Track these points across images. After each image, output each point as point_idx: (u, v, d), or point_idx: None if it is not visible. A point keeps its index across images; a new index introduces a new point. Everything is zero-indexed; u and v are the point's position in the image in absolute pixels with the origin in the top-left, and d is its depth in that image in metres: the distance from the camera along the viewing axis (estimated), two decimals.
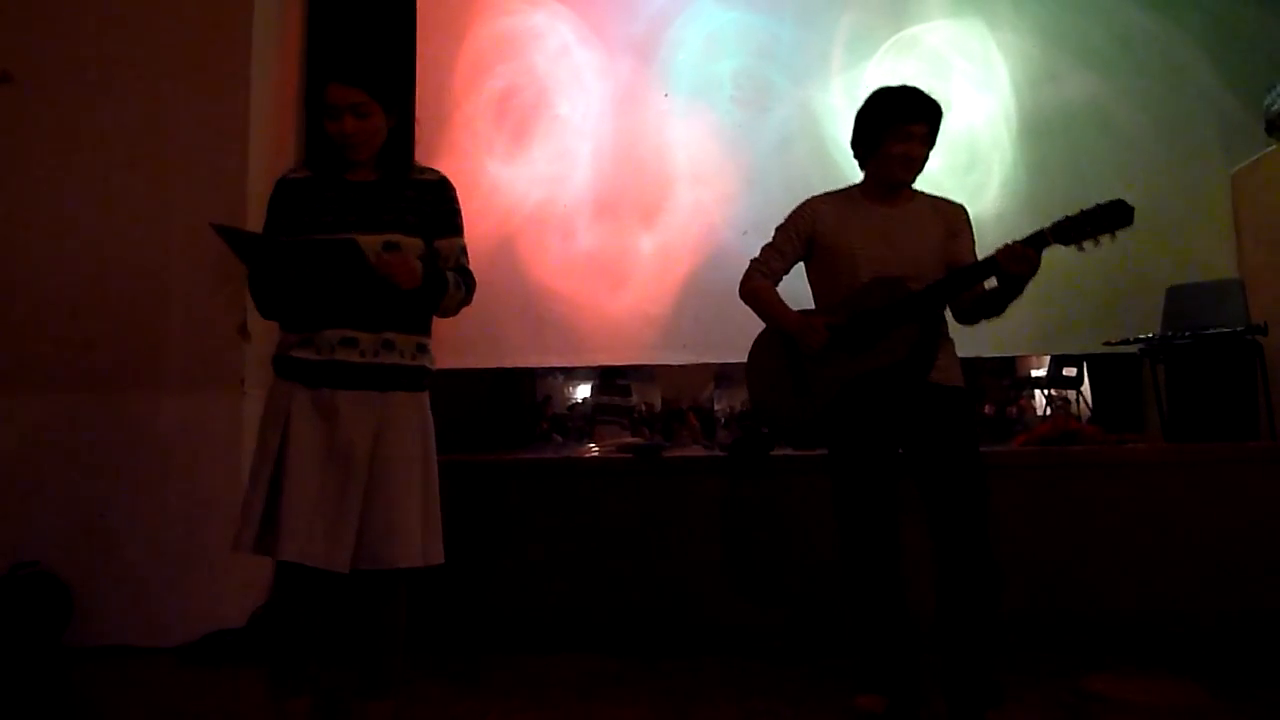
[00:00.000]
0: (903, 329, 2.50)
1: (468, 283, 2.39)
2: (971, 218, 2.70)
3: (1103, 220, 2.32)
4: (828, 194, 2.77)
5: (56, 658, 3.44)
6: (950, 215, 2.66)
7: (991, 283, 2.51)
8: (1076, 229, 2.34)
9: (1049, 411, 6.87)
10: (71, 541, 3.63)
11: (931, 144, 2.61)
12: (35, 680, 3.26)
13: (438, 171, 2.43)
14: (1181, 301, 4.26)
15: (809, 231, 2.70)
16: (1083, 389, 6.60)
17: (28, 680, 3.25)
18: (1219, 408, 3.87)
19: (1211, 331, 3.93)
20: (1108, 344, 4.35)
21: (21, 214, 3.83)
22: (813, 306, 2.75)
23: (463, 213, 2.45)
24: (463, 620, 3.60)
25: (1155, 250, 4.31)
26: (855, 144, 2.70)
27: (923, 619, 2.54)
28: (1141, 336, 4.17)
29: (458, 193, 2.43)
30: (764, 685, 3.07)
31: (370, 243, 2.17)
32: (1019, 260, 2.36)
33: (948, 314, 2.64)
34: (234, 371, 3.66)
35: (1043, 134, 4.65)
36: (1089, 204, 2.33)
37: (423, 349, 2.33)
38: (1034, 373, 7.52)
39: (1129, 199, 2.29)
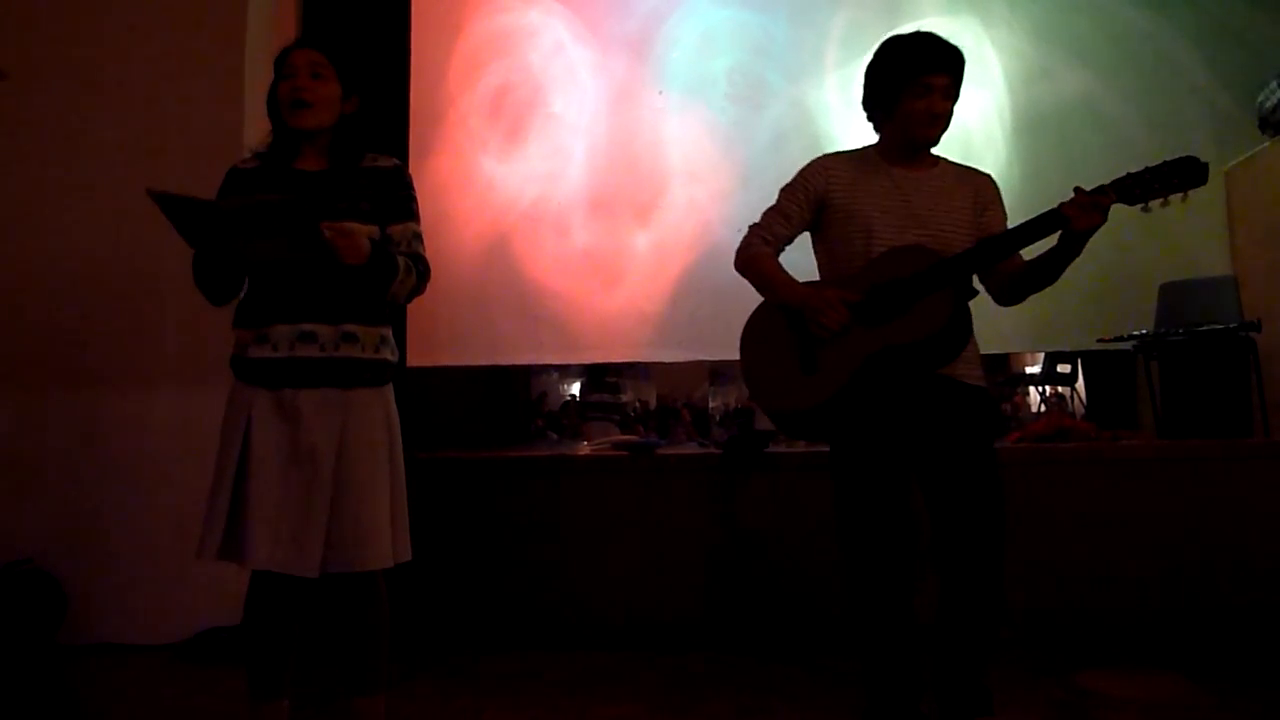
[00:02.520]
0: (933, 298, 2.19)
1: (420, 269, 2.28)
2: None
3: (1172, 177, 2.08)
4: (839, 153, 2.48)
5: (50, 656, 3.44)
6: (979, 185, 2.40)
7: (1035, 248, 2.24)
8: (1143, 187, 2.10)
9: (1043, 408, 6.89)
10: (65, 539, 3.62)
11: (955, 97, 2.32)
12: (29, 678, 3.26)
13: (393, 159, 2.37)
14: (1175, 298, 4.27)
15: (820, 193, 2.40)
16: (1077, 386, 6.61)
17: (21, 678, 3.25)
18: (1212, 404, 3.87)
19: (1205, 328, 3.94)
20: (1101, 341, 4.36)
21: (15, 211, 3.82)
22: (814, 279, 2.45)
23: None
24: (457, 618, 3.60)
25: (1149, 247, 4.32)
26: (868, 103, 2.43)
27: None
28: (1135, 333, 4.18)
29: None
30: (758, 682, 3.07)
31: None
32: (1091, 210, 2.08)
33: (1019, 311, 2.40)
34: (228, 369, 3.64)
35: (1036, 130, 4.65)
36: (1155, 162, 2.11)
37: (384, 341, 2.27)
38: (1028, 370, 7.52)
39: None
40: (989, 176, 2.45)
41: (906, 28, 2.44)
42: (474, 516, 3.70)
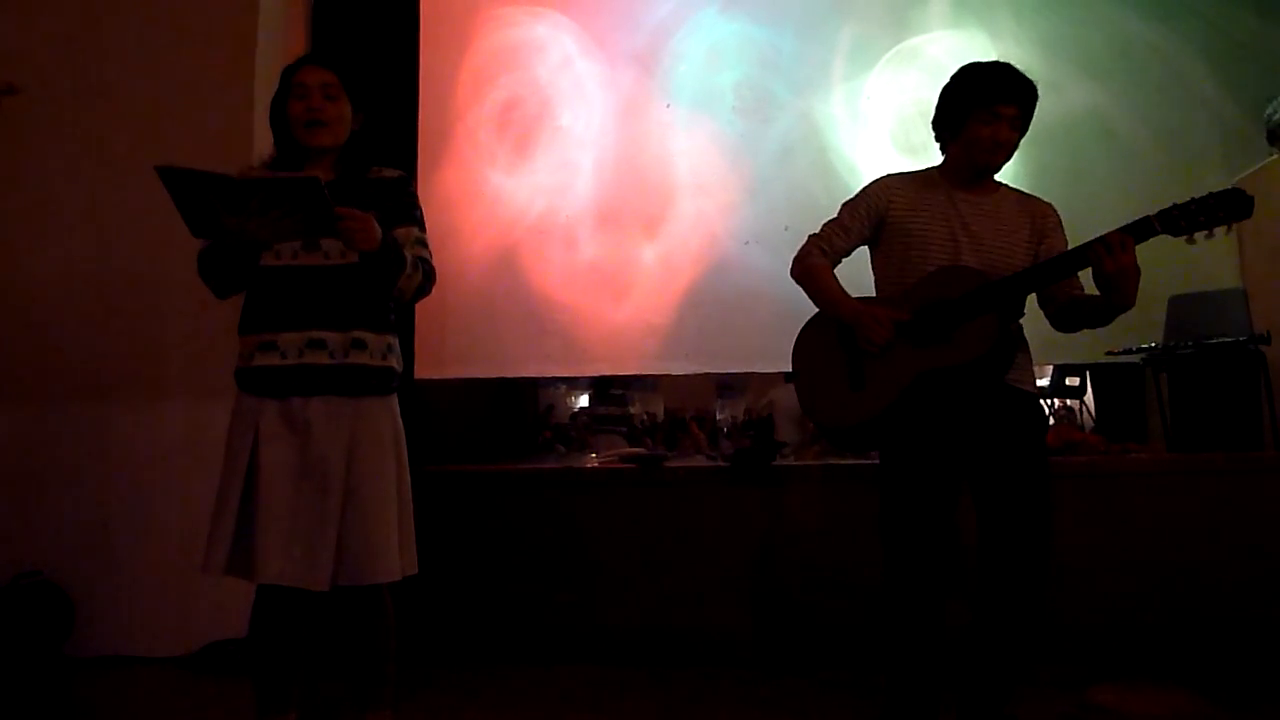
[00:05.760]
0: (979, 322, 2.24)
1: (425, 269, 2.30)
2: None
3: (1218, 209, 2.13)
4: (904, 173, 2.54)
5: (58, 667, 3.44)
6: (1038, 213, 2.43)
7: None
8: (1189, 218, 2.14)
9: (1052, 421, 6.86)
10: (74, 551, 3.63)
11: (1023, 129, 2.38)
12: (37, 690, 3.26)
13: (397, 170, 2.39)
14: (1184, 311, 4.24)
15: (881, 210, 2.44)
16: (1086, 399, 6.59)
17: (30, 689, 3.25)
18: (1222, 418, 3.85)
19: (1214, 341, 3.92)
20: (1110, 354, 4.33)
21: (22, 223, 3.84)
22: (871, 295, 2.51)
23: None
24: (464, 631, 3.59)
25: (1157, 259, 4.21)
26: (937, 124, 2.48)
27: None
28: (1144, 346, 4.15)
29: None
30: (767, 696, 3.07)
31: (331, 244, 2.15)
32: (1116, 252, 2.13)
33: (1031, 318, 2.44)
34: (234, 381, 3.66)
35: (1044, 144, 4.61)
36: (1201, 194, 2.15)
37: (391, 349, 2.28)
38: (1037, 382, 7.51)
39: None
40: (1049, 205, 2.48)
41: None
42: (480, 529, 3.70)
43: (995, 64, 2.39)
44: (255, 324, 2.21)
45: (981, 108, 2.33)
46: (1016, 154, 2.44)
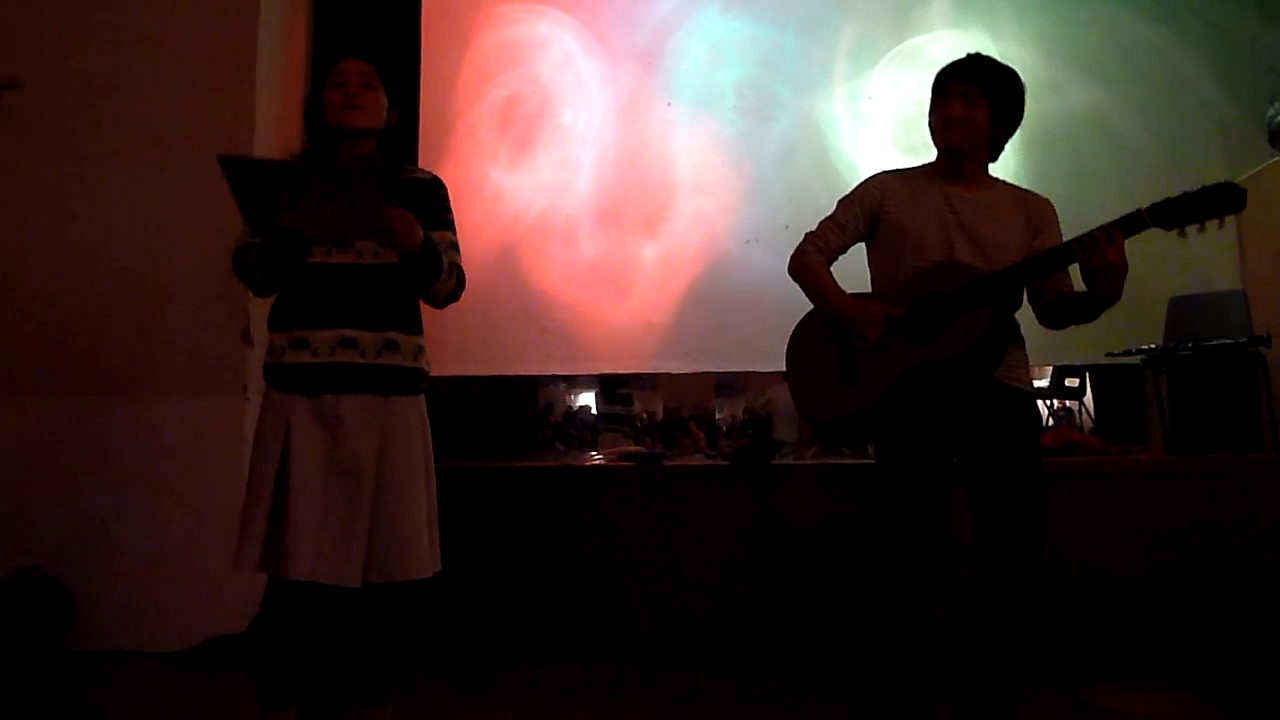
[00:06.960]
0: (971, 316, 2.23)
1: (459, 275, 2.31)
2: None
3: (1210, 203, 2.12)
4: (899, 170, 2.55)
5: (57, 662, 3.44)
6: (1034, 208, 2.41)
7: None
8: (1180, 211, 2.13)
9: (1051, 422, 6.86)
10: (73, 546, 3.63)
11: (990, 106, 2.35)
12: (35, 684, 3.26)
13: (429, 171, 2.41)
14: (1184, 313, 4.25)
15: (876, 207, 2.45)
16: (1085, 400, 6.59)
17: (28, 684, 3.25)
18: (1221, 420, 3.86)
19: (1214, 343, 3.92)
20: (1110, 355, 4.34)
21: (25, 218, 3.84)
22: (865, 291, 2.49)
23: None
24: (462, 628, 3.59)
25: (1158, 261, 4.29)
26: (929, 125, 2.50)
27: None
28: (1144, 348, 4.16)
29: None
30: (764, 695, 3.06)
31: (365, 243, 2.15)
32: (1102, 246, 2.13)
33: (1030, 316, 2.42)
34: (236, 377, 3.67)
35: (1045, 144, 4.64)
36: (1193, 187, 2.14)
37: (421, 351, 2.28)
38: (1036, 383, 7.50)
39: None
40: (1046, 200, 2.46)
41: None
42: (478, 526, 3.69)
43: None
44: (287, 320, 2.20)
45: (936, 94, 2.40)
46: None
